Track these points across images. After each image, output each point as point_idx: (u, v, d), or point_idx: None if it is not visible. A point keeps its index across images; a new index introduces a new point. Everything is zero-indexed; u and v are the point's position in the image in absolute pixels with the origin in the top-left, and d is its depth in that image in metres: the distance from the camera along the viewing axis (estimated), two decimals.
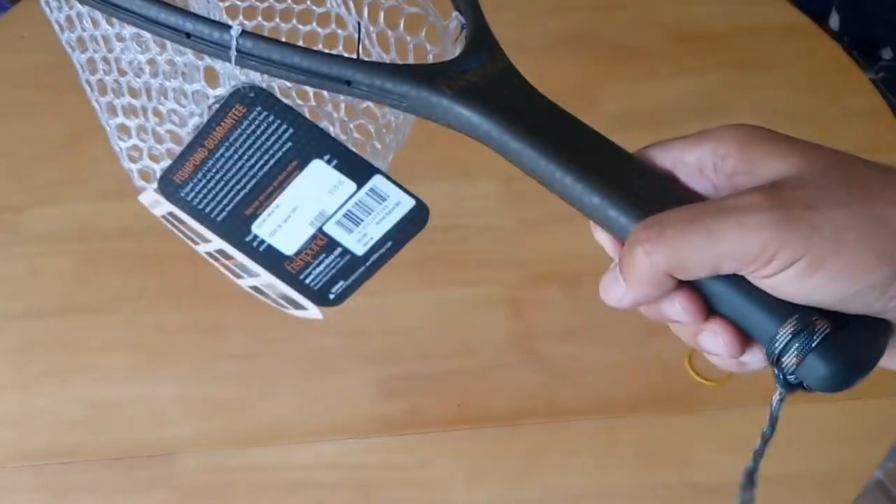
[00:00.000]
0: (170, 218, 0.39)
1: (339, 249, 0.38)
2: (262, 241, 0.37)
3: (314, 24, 0.49)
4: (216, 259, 0.40)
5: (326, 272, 0.38)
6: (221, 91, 0.36)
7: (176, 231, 0.40)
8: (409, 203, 0.37)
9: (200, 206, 0.37)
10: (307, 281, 0.38)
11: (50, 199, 0.77)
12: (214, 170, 0.36)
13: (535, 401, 0.66)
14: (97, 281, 0.73)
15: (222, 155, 0.35)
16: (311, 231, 0.37)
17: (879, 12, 1.22)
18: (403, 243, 0.38)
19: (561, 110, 0.34)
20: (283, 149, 0.35)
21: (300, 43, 0.50)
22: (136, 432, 0.65)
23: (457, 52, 0.37)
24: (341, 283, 0.39)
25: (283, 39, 0.50)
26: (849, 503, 0.63)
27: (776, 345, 0.29)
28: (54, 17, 0.44)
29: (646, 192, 0.32)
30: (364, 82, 0.33)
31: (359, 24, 0.39)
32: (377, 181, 0.36)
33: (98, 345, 0.69)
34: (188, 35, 0.33)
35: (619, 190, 0.32)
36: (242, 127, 0.35)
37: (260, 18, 0.52)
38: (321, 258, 0.38)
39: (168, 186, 0.36)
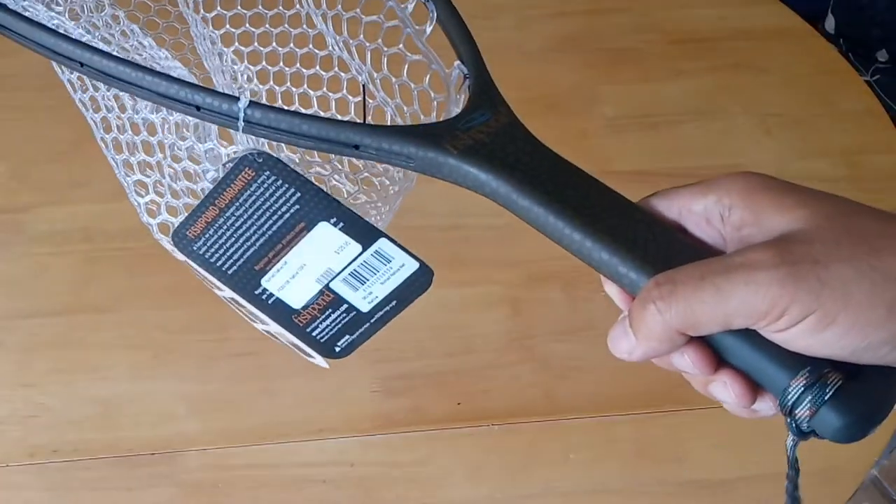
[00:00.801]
0: (194, 267, 0.40)
1: (345, 306, 0.39)
2: (271, 295, 0.38)
3: (317, 67, 0.50)
4: (232, 301, 0.41)
5: (333, 326, 0.39)
6: (235, 148, 0.38)
7: (199, 276, 0.41)
8: (413, 265, 0.38)
9: (212, 260, 0.38)
10: (314, 334, 0.39)
11: (54, 200, 0.78)
12: (225, 227, 0.37)
13: (534, 399, 0.66)
14: (101, 280, 0.74)
15: (233, 214, 0.37)
16: (317, 287, 0.38)
17: (875, 15, 1.23)
18: (408, 302, 0.39)
19: (566, 163, 0.35)
20: (291, 211, 0.36)
21: (304, 86, 0.51)
22: (140, 430, 0.66)
23: (461, 100, 0.38)
24: (347, 337, 0.40)
25: (288, 83, 0.51)
26: (845, 500, 0.64)
27: (789, 397, 0.30)
28: (66, 78, 0.45)
29: (655, 247, 0.33)
30: (372, 146, 0.34)
31: (363, 86, 0.40)
32: (382, 244, 0.37)
33: (102, 343, 0.70)
34: (198, 108, 0.34)
35: (627, 245, 0.32)
36: (251, 189, 0.36)
37: (264, 62, 0.53)
38: (328, 313, 0.39)
39: (181, 241, 0.38)
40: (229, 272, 0.38)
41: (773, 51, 0.89)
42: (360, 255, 0.37)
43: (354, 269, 0.38)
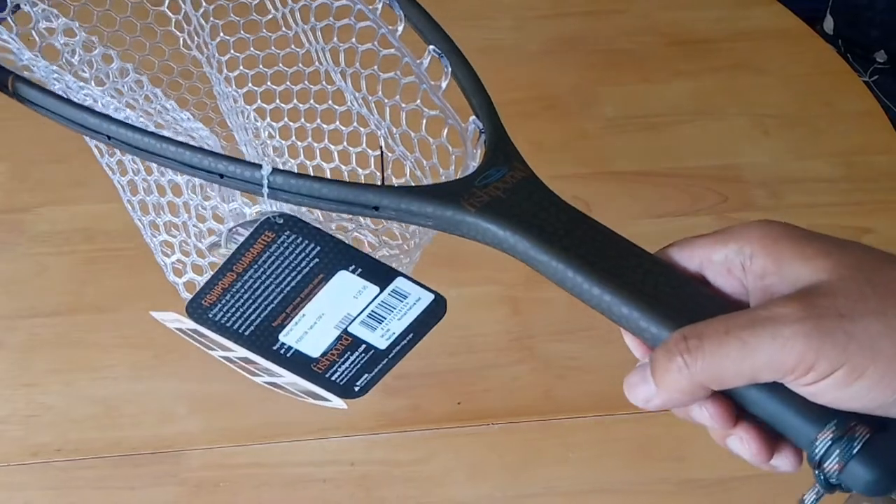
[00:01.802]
0: (185, 332, 0.40)
1: (363, 346, 0.39)
2: (290, 348, 0.39)
3: (337, 122, 0.51)
4: (231, 361, 0.41)
5: (351, 368, 0.40)
6: (258, 208, 0.38)
7: (189, 339, 0.41)
8: (428, 298, 0.39)
9: (228, 325, 0.38)
10: (333, 378, 0.40)
11: (55, 200, 0.79)
12: (243, 290, 0.37)
13: (533, 398, 0.67)
14: (102, 280, 0.74)
15: (251, 276, 0.37)
16: (336, 333, 0.39)
17: (873, 16, 1.23)
18: (424, 334, 0.40)
19: (583, 216, 0.35)
20: (311, 265, 0.37)
21: (325, 141, 0.52)
22: (141, 429, 0.66)
23: (478, 154, 0.39)
24: (366, 376, 0.40)
25: (310, 138, 0.52)
26: (843, 499, 0.64)
27: (817, 450, 0.30)
28: (93, 143, 0.46)
29: (676, 301, 0.32)
30: (391, 207, 0.35)
31: (381, 149, 0.40)
32: (399, 283, 0.38)
33: (103, 343, 0.70)
34: (221, 175, 0.35)
35: (648, 299, 0.32)
36: (271, 250, 0.37)
37: (286, 119, 0.54)
38: (346, 356, 0.39)
39: (197, 310, 0.38)
40: (245, 333, 0.38)
41: (771, 51, 0.89)
42: (377, 296, 0.38)
43: (372, 311, 0.39)
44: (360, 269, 0.37)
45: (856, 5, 1.24)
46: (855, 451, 0.29)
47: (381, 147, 0.40)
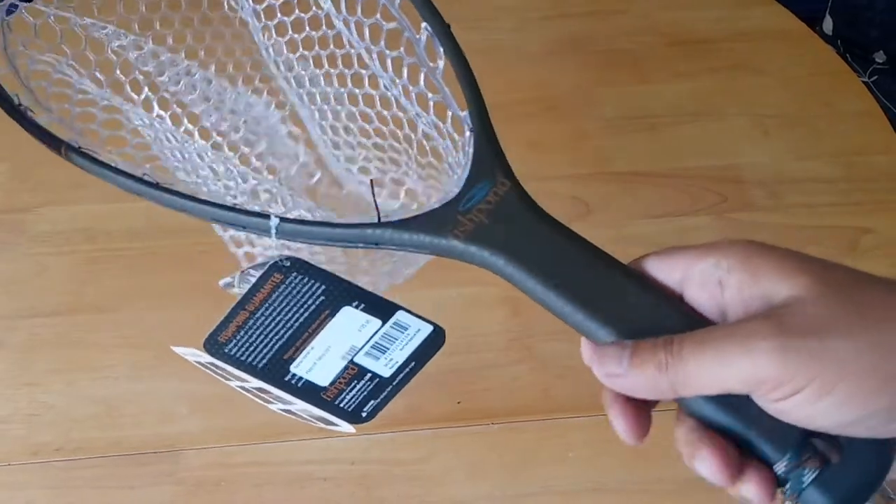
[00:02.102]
0: (203, 364, 0.43)
1: (369, 375, 0.42)
2: (300, 379, 0.42)
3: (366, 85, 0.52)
4: (247, 391, 0.44)
5: (358, 395, 0.43)
6: (267, 249, 0.43)
7: (207, 371, 0.44)
8: (427, 329, 0.42)
9: (242, 359, 0.41)
10: (342, 405, 0.43)
11: (55, 200, 0.79)
12: (255, 327, 0.40)
13: (533, 398, 0.67)
14: (103, 280, 0.74)
15: (262, 314, 0.40)
16: (342, 364, 0.42)
17: (872, 16, 1.23)
18: (425, 361, 0.43)
19: (561, 233, 0.37)
20: (317, 302, 0.40)
21: (360, 104, 0.54)
22: (142, 429, 0.66)
23: (469, 156, 0.40)
24: (372, 402, 0.43)
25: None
26: None
27: (778, 477, 0.31)
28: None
29: (657, 322, 0.34)
30: (389, 242, 0.38)
31: (371, 182, 0.43)
32: (399, 315, 0.41)
33: (103, 343, 0.70)
34: (244, 227, 0.40)
35: (630, 327, 0.34)
36: (280, 290, 0.40)
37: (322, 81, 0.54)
38: (353, 384, 0.42)
39: (213, 346, 0.41)
40: (259, 366, 0.41)
41: (771, 52, 0.89)
42: (380, 329, 0.41)
43: (376, 342, 0.41)
44: (362, 305, 0.40)
45: (855, 6, 1.24)
46: (805, 485, 0.31)
47: (371, 181, 0.42)
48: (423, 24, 0.44)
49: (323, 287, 0.40)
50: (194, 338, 0.70)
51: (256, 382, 0.42)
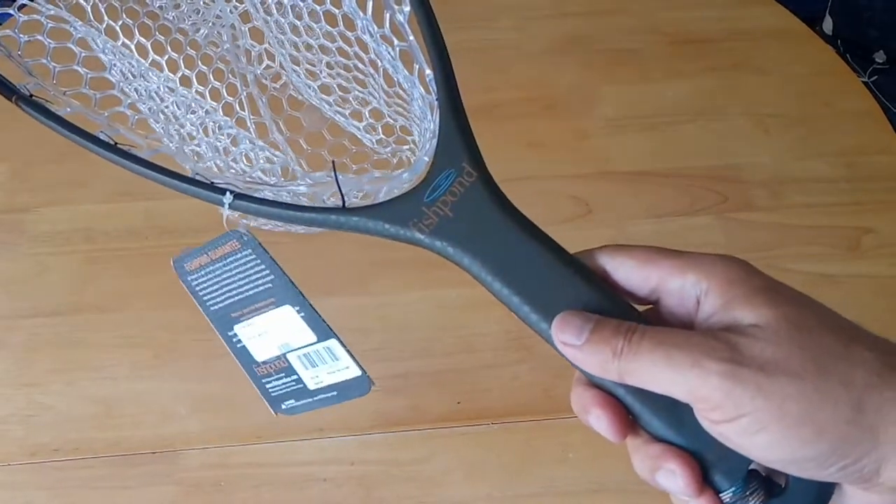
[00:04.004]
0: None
1: (295, 377, 0.43)
2: (240, 341, 0.43)
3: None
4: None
5: (283, 388, 0.43)
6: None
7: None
8: (355, 371, 0.41)
9: (200, 293, 0.43)
10: (268, 386, 0.44)
11: (55, 200, 0.79)
12: (213, 274, 0.42)
13: (533, 397, 0.67)
14: (102, 280, 0.74)
15: (220, 268, 0.41)
16: (276, 352, 0.43)
17: (872, 16, 1.23)
18: (345, 399, 0.43)
19: (532, 231, 0.36)
20: (265, 286, 0.41)
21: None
22: (141, 429, 0.66)
23: (432, 144, 0.39)
24: (292, 401, 0.44)
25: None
26: None
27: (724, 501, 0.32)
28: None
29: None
30: (354, 229, 0.38)
31: (333, 163, 0.42)
32: (332, 344, 0.41)
33: (103, 343, 0.70)
34: (200, 198, 0.40)
35: None
36: (235, 257, 0.41)
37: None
38: (280, 375, 0.43)
39: (181, 269, 0.42)
40: (212, 308, 0.43)
41: (771, 52, 0.89)
42: (312, 344, 0.41)
43: (308, 353, 0.42)
44: (303, 313, 0.41)
45: (855, 6, 1.24)
46: None
47: (333, 163, 0.41)
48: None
49: (272, 277, 0.40)
50: (194, 338, 0.70)
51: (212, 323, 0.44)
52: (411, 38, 0.41)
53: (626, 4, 0.93)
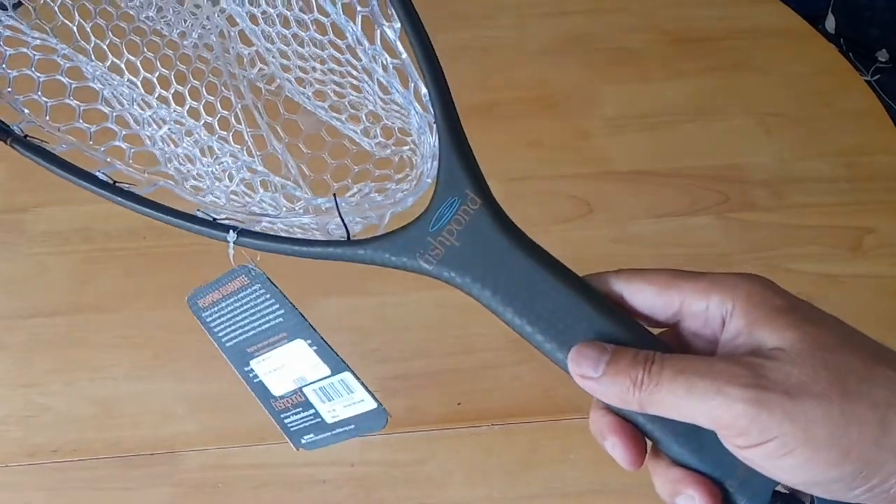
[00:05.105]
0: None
1: (313, 411, 0.42)
2: (257, 376, 0.43)
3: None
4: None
5: (301, 422, 0.43)
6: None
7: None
8: (371, 404, 0.41)
9: (215, 329, 0.42)
10: (287, 421, 0.43)
11: (54, 200, 0.78)
12: (226, 311, 0.42)
13: (533, 398, 0.66)
14: (101, 280, 0.74)
15: (231, 304, 0.41)
16: (293, 387, 0.42)
17: (874, 15, 1.23)
18: (364, 432, 0.42)
19: (540, 255, 0.36)
20: (275, 321, 0.41)
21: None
22: (139, 430, 0.66)
23: (434, 168, 0.38)
24: (312, 435, 0.43)
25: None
26: None
27: None
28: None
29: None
30: (360, 261, 0.37)
31: (334, 195, 0.41)
32: (346, 377, 0.41)
33: (102, 343, 0.70)
34: (200, 233, 0.39)
35: None
36: (245, 292, 0.41)
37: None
38: (298, 410, 0.43)
39: (195, 305, 0.42)
40: (227, 344, 0.42)
41: (773, 51, 0.89)
42: (327, 377, 0.41)
43: (323, 386, 0.41)
44: (315, 347, 0.40)
45: (857, 4, 1.24)
46: None
47: (334, 196, 0.41)
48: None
49: (282, 311, 0.40)
50: (193, 336, 0.70)
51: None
52: (404, 55, 0.40)
53: (627, 3, 0.93)
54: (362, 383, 0.41)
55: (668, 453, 0.33)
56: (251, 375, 0.43)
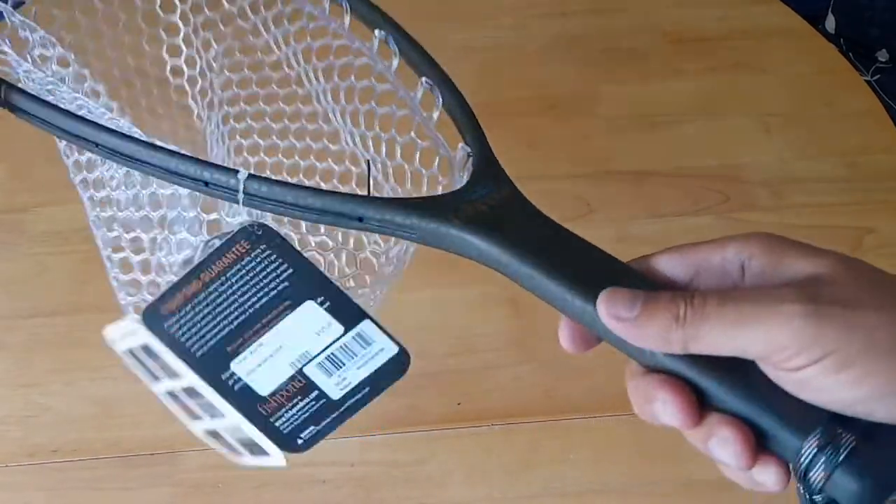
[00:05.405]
0: (135, 353, 0.38)
1: (316, 393, 0.38)
2: (239, 380, 0.37)
3: (329, 161, 0.52)
4: (175, 398, 0.39)
5: (299, 416, 0.38)
6: (241, 219, 0.37)
7: (135, 368, 0.39)
8: (392, 350, 0.37)
9: (182, 340, 0.36)
10: (277, 423, 0.38)
11: (54, 200, 0.78)
12: (205, 303, 0.36)
13: (534, 399, 0.66)
14: (102, 280, 0.73)
15: (216, 289, 0.36)
16: (290, 372, 0.37)
17: (875, 15, 1.23)
18: (380, 391, 0.38)
19: (566, 232, 0.35)
20: (279, 288, 0.36)
21: (318, 178, 0.52)
22: (140, 430, 0.66)
23: (464, 178, 0.39)
24: (312, 428, 0.38)
25: (301, 177, 0.52)
26: None
27: (802, 459, 0.29)
28: (71, 161, 0.47)
29: None
30: (375, 217, 0.35)
31: (368, 162, 0.40)
32: (365, 326, 0.37)
33: (102, 343, 0.70)
34: (206, 183, 0.35)
35: None
36: (243, 263, 0.35)
37: (280, 156, 0.55)
38: (295, 401, 0.37)
39: (153, 317, 0.36)
40: (198, 354, 0.36)
41: (773, 50, 0.89)
42: (340, 337, 0.37)
43: (332, 353, 0.37)
44: (328, 303, 0.36)
45: (857, 4, 1.24)
46: (841, 458, 0.28)
47: (367, 160, 0.40)
48: (423, 79, 0.43)
49: (290, 271, 0.36)
50: None
51: (188, 380, 0.37)
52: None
53: (627, 3, 0.93)
54: (381, 328, 0.37)
55: (717, 401, 0.31)
56: (230, 383, 0.37)
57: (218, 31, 0.53)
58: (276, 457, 0.38)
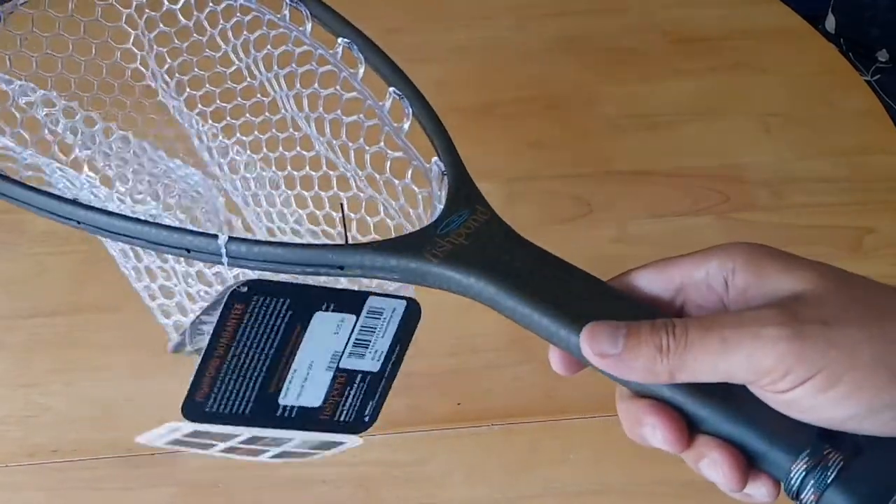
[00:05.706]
0: (181, 440, 0.39)
1: (360, 376, 0.39)
2: (292, 409, 0.38)
3: (307, 168, 0.52)
4: (234, 451, 0.40)
5: (355, 402, 0.40)
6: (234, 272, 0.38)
7: (188, 449, 0.40)
8: (401, 305, 0.38)
9: (227, 411, 0.37)
10: (341, 419, 0.40)
11: None
12: (231, 372, 0.36)
13: (534, 399, 0.66)
14: (101, 280, 0.74)
15: (234, 355, 0.36)
16: (330, 375, 0.38)
17: (875, 15, 1.23)
18: (409, 340, 0.39)
19: (545, 254, 0.35)
20: (286, 319, 0.36)
21: (297, 187, 0.53)
22: (140, 430, 0.65)
23: (443, 195, 0.39)
24: (371, 403, 0.40)
25: (279, 202, 0.52)
26: None
27: (792, 482, 0.29)
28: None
29: None
30: (355, 265, 0.35)
31: (342, 205, 0.40)
32: (371, 302, 0.38)
33: (102, 343, 0.70)
34: (188, 250, 0.36)
35: None
36: (245, 321, 0.36)
37: (259, 167, 0.55)
38: (346, 393, 0.39)
39: (192, 410, 0.36)
40: (247, 412, 0.37)
41: (773, 50, 0.89)
42: (356, 323, 0.38)
43: (356, 339, 0.38)
44: (332, 305, 0.37)
45: (857, 4, 1.24)
46: (830, 479, 0.29)
47: (341, 205, 0.40)
48: (391, 89, 0.43)
49: (289, 301, 0.36)
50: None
51: (247, 433, 0.38)
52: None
53: (627, 3, 0.93)
54: (383, 294, 0.38)
55: (705, 426, 0.31)
56: (285, 415, 0.38)
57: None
58: (350, 441, 0.40)
